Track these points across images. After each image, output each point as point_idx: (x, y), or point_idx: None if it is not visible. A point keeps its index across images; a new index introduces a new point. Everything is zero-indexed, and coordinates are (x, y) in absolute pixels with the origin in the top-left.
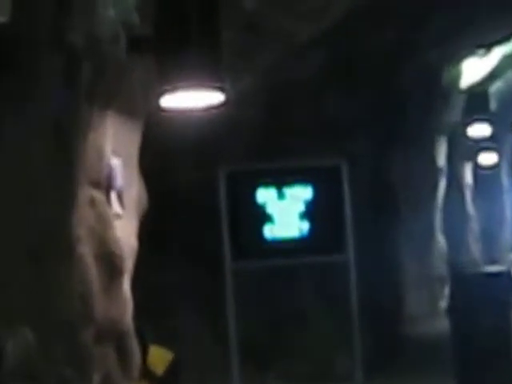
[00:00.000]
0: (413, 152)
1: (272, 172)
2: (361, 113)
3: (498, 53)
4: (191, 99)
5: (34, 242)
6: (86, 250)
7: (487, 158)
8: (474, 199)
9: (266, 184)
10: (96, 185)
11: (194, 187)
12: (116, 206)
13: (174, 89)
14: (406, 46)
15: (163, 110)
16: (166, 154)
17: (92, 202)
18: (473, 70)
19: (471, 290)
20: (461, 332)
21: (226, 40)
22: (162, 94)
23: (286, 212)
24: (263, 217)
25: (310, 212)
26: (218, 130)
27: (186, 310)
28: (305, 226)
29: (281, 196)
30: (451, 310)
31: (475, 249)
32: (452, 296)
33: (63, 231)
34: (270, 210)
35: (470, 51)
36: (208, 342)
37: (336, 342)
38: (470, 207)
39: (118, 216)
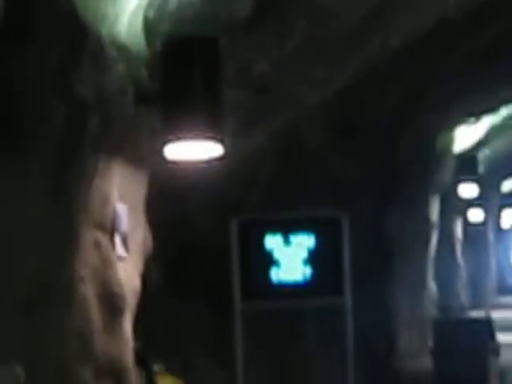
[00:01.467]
0: (408, 208)
1: (279, 221)
2: (362, 172)
3: (486, 122)
4: (193, 151)
5: (32, 289)
6: (88, 290)
7: (475, 215)
8: (463, 251)
9: (274, 232)
10: (101, 228)
11: (210, 234)
12: (120, 249)
13: (176, 139)
14: (405, 112)
15: (169, 162)
16: (185, 203)
17: (97, 244)
18: (464, 136)
19: (452, 334)
20: (442, 372)
21: (239, 99)
22: (165, 144)
23: (291, 257)
24: (270, 261)
25: (313, 258)
26: (233, 181)
27: (198, 346)
28: (308, 270)
29: (287, 243)
30: (433, 352)
31: (463, 294)
32: (434, 339)
33: (64, 273)
34: (276, 255)
35: (461, 119)
36: (212, 378)
37: (334, 377)
38: (460, 258)
39: (121, 258)
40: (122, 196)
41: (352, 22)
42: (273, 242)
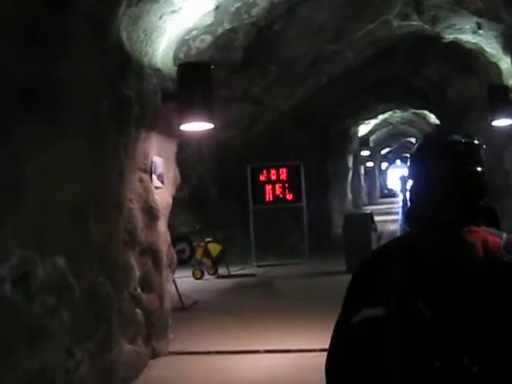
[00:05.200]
0: (337, 160)
1: (270, 167)
2: (312, 142)
3: (372, 122)
4: (195, 126)
5: (79, 202)
6: (134, 206)
7: (369, 164)
8: (364, 179)
9: (268, 172)
10: (143, 171)
11: (238, 173)
12: (156, 182)
13: (187, 121)
14: (335, 115)
15: (183, 131)
16: (227, 158)
17: (141, 180)
18: (363, 129)
19: (353, 219)
20: (348, 235)
21: (245, 108)
22: (181, 124)
23: (276, 185)
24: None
25: (287, 185)
26: (247, 148)
27: (233, 227)
28: (285, 190)
29: (274, 178)
30: (344, 227)
31: (364, 198)
32: (344, 220)
33: (112, 195)
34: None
35: (362, 121)
36: (240, 241)
37: (297, 239)
38: (363, 182)
39: (158, 187)
40: (159, 152)
41: (301, 67)
42: (267, 176)
